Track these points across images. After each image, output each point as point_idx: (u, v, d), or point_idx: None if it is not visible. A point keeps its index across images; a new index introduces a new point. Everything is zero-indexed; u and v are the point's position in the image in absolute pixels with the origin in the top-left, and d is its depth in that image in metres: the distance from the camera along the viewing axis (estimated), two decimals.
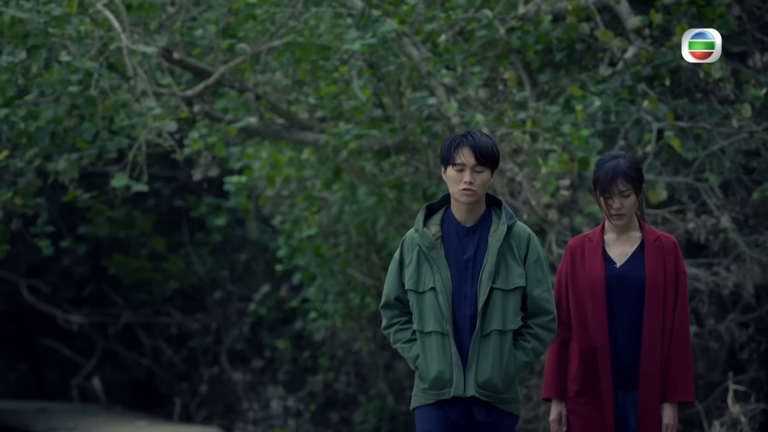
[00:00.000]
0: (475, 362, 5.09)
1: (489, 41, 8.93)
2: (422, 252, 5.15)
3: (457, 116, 8.60)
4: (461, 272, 5.13)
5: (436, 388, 5.14)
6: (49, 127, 8.62)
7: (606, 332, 5.28)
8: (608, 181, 5.28)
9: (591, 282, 5.31)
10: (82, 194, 9.05)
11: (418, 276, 5.16)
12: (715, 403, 8.76)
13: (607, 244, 5.38)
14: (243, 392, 14.15)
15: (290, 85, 9.68)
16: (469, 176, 5.11)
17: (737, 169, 8.65)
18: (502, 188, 8.80)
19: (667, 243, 5.34)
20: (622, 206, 5.30)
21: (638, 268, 5.31)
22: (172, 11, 9.40)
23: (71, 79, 8.37)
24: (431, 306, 5.12)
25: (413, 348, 5.19)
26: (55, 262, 15.58)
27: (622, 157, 5.31)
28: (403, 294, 5.23)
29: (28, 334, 16.85)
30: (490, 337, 5.09)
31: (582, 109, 8.32)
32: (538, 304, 5.16)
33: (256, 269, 14.82)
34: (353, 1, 8.95)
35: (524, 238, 5.17)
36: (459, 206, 5.19)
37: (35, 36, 8.24)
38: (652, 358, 5.24)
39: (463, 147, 5.14)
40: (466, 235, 5.17)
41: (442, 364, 5.11)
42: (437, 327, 5.11)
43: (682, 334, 5.28)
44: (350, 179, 9.85)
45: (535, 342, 5.16)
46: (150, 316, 15.74)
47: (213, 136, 9.11)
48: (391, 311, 5.27)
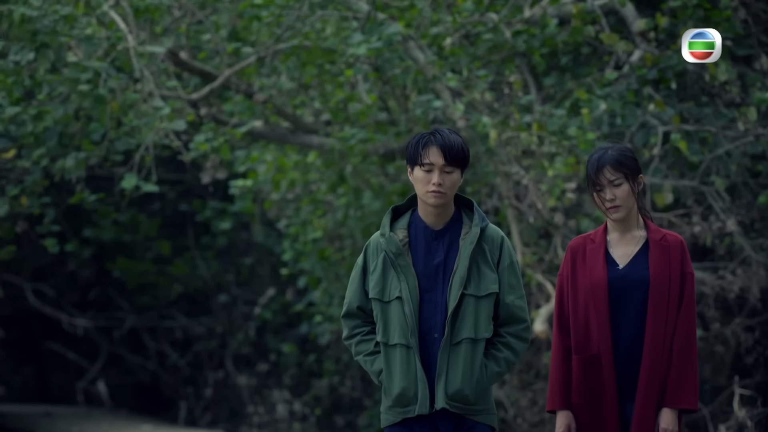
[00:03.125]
0: (445, 372, 4.77)
1: (495, 45, 8.92)
2: (388, 258, 4.83)
3: (462, 119, 8.61)
4: (430, 278, 4.82)
5: (400, 405, 4.82)
6: (56, 127, 8.62)
7: (609, 340, 4.94)
8: (596, 172, 4.97)
9: (592, 286, 4.98)
10: (88, 196, 9.06)
11: (384, 284, 4.84)
12: (721, 407, 8.75)
13: (610, 244, 5.06)
14: (248, 396, 14.15)
15: (296, 89, 9.69)
16: (438, 177, 4.79)
17: (743, 172, 8.64)
18: (508, 191, 8.80)
19: (673, 242, 5.00)
20: (615, 197, 4.95)
21: (642, 268, 4.97)
22: (178, 15, 9.42)
23: (80, 78, 8.37)
24: (397, 317, 4.80)
25: (376, 361, 4.88)
26: (60, 266, 15.60)
27: (610, 148, 5.01)
28: (366, 303, 4.91)
29: (33, 338, 16.87)
30: (460, 346, 4.77)
31: (588, 112, 8.32)
32: (511, 311, 4.86)
33: (262, 273, 14.83)
34: (359, 5, 8.96)
35: (497, 242, 4.86)
36: (427, 209, 4.86)
37: (44, 34, 8.25)
38: (654, 363, 4.90)
39: (431, 146, 4.81)
40: (435, 238, 4.85)
41: (406, 380, 4.79)
42: (402, 340, 4.79)
43: (687, 337, 4.93)
44: (355, 183, 9.86)
45: (507, 351, 4.86)
46: (155, 319, 15.75)
47: (219, 139, 9.12)
48: (353, 321, 4.94)
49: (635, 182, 4.98)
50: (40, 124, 8.61)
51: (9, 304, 15.67)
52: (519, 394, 9.37)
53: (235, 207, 12.81)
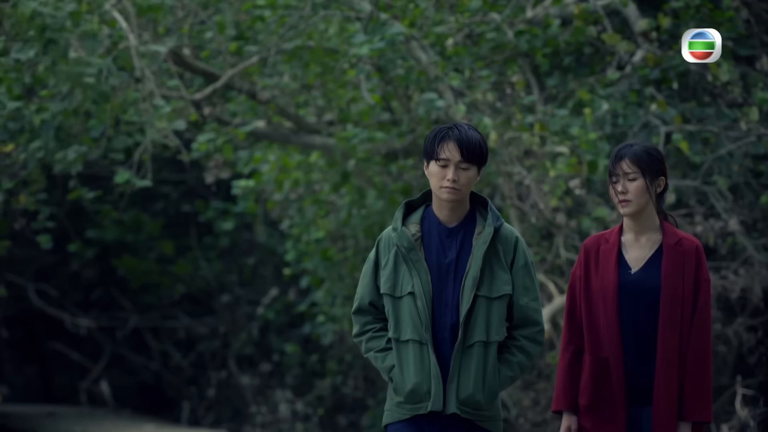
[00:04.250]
0: (457, 376, 4.64)
1: (497, 45, 8.94)
2: (400, 253, 4.69)
3: (465, 119, 8.62)
4: (442, 277, 4.69)
5: (412, 402, 4.68)
6: (54, 121, 8.59)
7: (618, 343, 4.82)
8: (614, 162, 4.85)
9: (603, 289, 4.85)
10: (86, 193, 9.07)
11: (395, 279, 4.70)
12: (724, 407, 8.76)
13: (624, 246, 4.90)
14: (251, 396, 14.17)
15: (299, 89, 9.70)
16: (453, 173, 4.65)
17: (745, 172, 8.64)
18: (511, 191, 8.82)
19: (688, 247, 4.83)
20: (626, 190, 4.81)
21: (655, 274, 4.82)
22: (180, 15, 9.43)
23: (85, 71, 8.36)
24: (409, 312, 4.67)
25: (388, 358, 4.74)
26: (63, 266, 15.62)
27: (636, 144, 4.88)
28: (378, 298, 4.78)
29: (36, 338, 16.88)
30: (472, 349, 4.64)
31: (590, 112, 8.33)
32: (525, 313, 4.72)
33: (264, 273, 14.84)
34: (361, 5, 8.97)
35: (511, 241, 4.72)
36: (441, 204, 4.72)
37: (53, 30, 8.25)
38: (668, 373, 4.76)
39: (448, 141, 4.66)
40: (449, 236, 4.72)
41: (420, 375, 4.65)
42: (415, 335, 4.66)
43: (702, 347, 4.79)
44: (358, 183, 9.87)
45: (521, 355, 4.73)
46: (158, 319, 15.77)
47: (221, 139, 9.13)
48: (365, 317, 4.82)
49: (652, 181, 4.83)
50: (37, 117, 8.59)
51: (12, 304, 15.69)
52: (521, 393, 9.38)
53: (238, 207, 12.82)
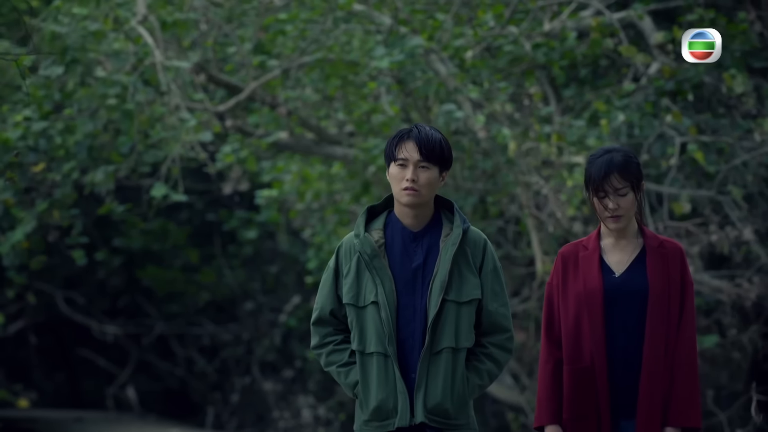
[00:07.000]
0: (424, 384, 4.42)
1: (515, 57, 9.02)
2: (363, 260, 4.46)
3: (483, 130, 8.73)
4: (408, 283, 4.46)
5: (378, 419, 4.46)
6: (86, 141, 8.80)
7: (603, 351, 4.59)
8: (601, 178, 4.57)
9: (587, 294, 4.61)
10: (116, 207, 9.26)
11: (358, 288, 4.47)
12: (738, 413, 8.83)
13: (604, 251, 4.68)
14: (274, 401, 14.30)
15: (320, 101, 9.83)
16: (412, 173, 4.44)
17: (760, 182, 8.71)
18: (528, 200, 8.93)
19: (672, 249, 4.65)
20: (618, 206, 4.59)
21: (640, 276, 4.63)
22: (204, 29, 9.60)
23: (109, 92, 8.57)
24: (373, 323, 4.43)
25: (351, 373, 4.51)
26: (90, 275, 15.79)
27: (616, 151, 4.62)
28: (339, 308, 4.54)
29: (64, 345, 17.07)
30: (440, 356, 4.43)
31: (606, 123, 8.41)
32: (494, 319, 4.51)
33: (287, 281, 14.97)
34: (381, 18, 9.10)
35: (480, 245, 4.52)
36: (403, 209, 4.51)
37: (74, 50, 8.44)
38: (653, 377, 4.57)
39: (407, 141, 4.47)
40: (413, 241, 4.49)
41: (384, 391, 4.43)
42: (380, 347, 4.43)
43: (688, 351, 4.60)
44: (379, 193, 9.99)
45: (490, 363, 4.52)
46: (183, 326, 15.92)
47: (244, 150, 9.28)
48: (325, 328, 4.56)
49: (639, 190, 4.64)
50: (70, 138, 8.80)
51: (41, 311, 15.89)
52: None
53: (261, 217, 12.96)
